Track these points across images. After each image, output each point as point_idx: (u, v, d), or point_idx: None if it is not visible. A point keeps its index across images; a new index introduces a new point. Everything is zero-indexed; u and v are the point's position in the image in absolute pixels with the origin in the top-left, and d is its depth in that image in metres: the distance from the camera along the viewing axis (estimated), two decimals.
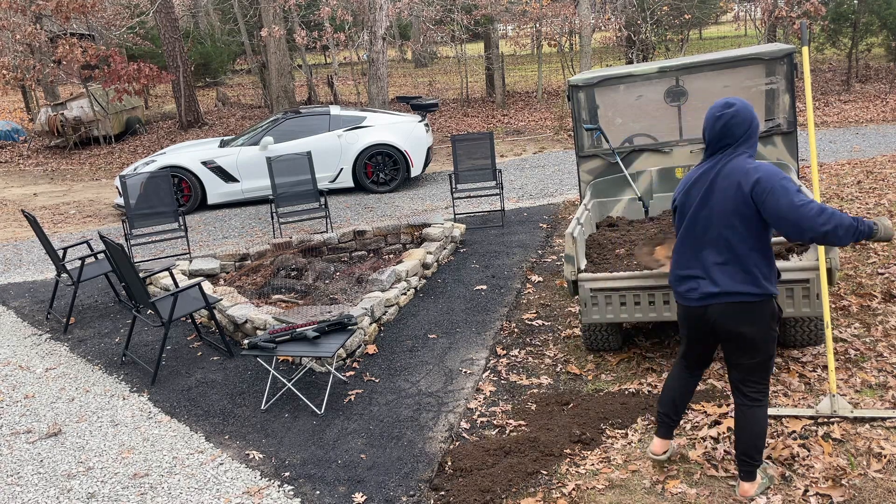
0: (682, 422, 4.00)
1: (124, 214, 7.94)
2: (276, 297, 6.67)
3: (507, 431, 4.13)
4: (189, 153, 10.54)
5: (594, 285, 4.48)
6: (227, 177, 10.46)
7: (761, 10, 17.00)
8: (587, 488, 3.54)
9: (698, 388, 4.31)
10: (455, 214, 8.75)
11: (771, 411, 3.93)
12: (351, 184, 10.82)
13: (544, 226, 8.19)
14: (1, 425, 4.73)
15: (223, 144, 10.87)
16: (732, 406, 4.00)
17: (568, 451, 3.85)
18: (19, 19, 15.81)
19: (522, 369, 4.88)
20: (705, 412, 4.04)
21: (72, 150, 16.99)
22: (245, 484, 3.87)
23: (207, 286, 6.10)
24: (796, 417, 3.87)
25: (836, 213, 2.87)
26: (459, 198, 8.79)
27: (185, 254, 7.97)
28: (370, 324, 5.50)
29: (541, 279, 6.50)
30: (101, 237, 5.49)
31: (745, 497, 3.30)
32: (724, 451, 3.67)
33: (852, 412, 3.81)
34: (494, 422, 4.25)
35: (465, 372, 4.90)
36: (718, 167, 3.06)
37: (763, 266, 3.05)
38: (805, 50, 4.04)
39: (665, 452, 3.60)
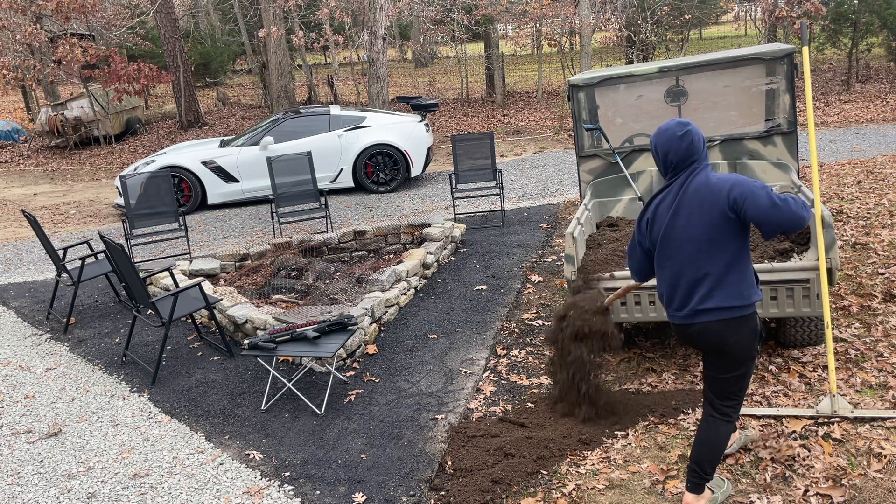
0: (683, 422, 4.00)
1: (124, 214, 7.94)
2: (277, 297, 6.67)
3: (507, 431, 4.13)
4: (189, 153, 10.54)
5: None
6: (227, 177, 10.46)
7: (761, 10, 17.02)
8: (587, 488, 3.54)
9: (695, 390, 4.31)
10: (455, 214, 8.75)
11: (771, 411, 3.94)
12: (351, 184, 10.82)
13: (544, 226, 8.19)
14: (1, 425, 4.73)
15: (223, 144, 10.87)
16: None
17: (568, 451, 3.85)
18: (19, 19, 15.81)
19: (522, 369, 4.88)
20: None
21: (72, 150, 16.99)
22: (245, 484, 3.87)
23: (208, 286, 6.10)
24: (796, 417, 3.88)
25: (794, 198, 2.88)
26: (459, 198, 8.79)
27: (186, 254, 7.97)
28: (370, 324, 5.50)
29: (541, 279, 6.50)
30: (102, 237, 5.49)
31: None
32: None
33: (852, 412, 3.82)
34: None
35: (465, 372, 4.90)
36: (684, 186, 3.05)
37: (741, 282, 3.02)
38: (805, 50, 4.04)
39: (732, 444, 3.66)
